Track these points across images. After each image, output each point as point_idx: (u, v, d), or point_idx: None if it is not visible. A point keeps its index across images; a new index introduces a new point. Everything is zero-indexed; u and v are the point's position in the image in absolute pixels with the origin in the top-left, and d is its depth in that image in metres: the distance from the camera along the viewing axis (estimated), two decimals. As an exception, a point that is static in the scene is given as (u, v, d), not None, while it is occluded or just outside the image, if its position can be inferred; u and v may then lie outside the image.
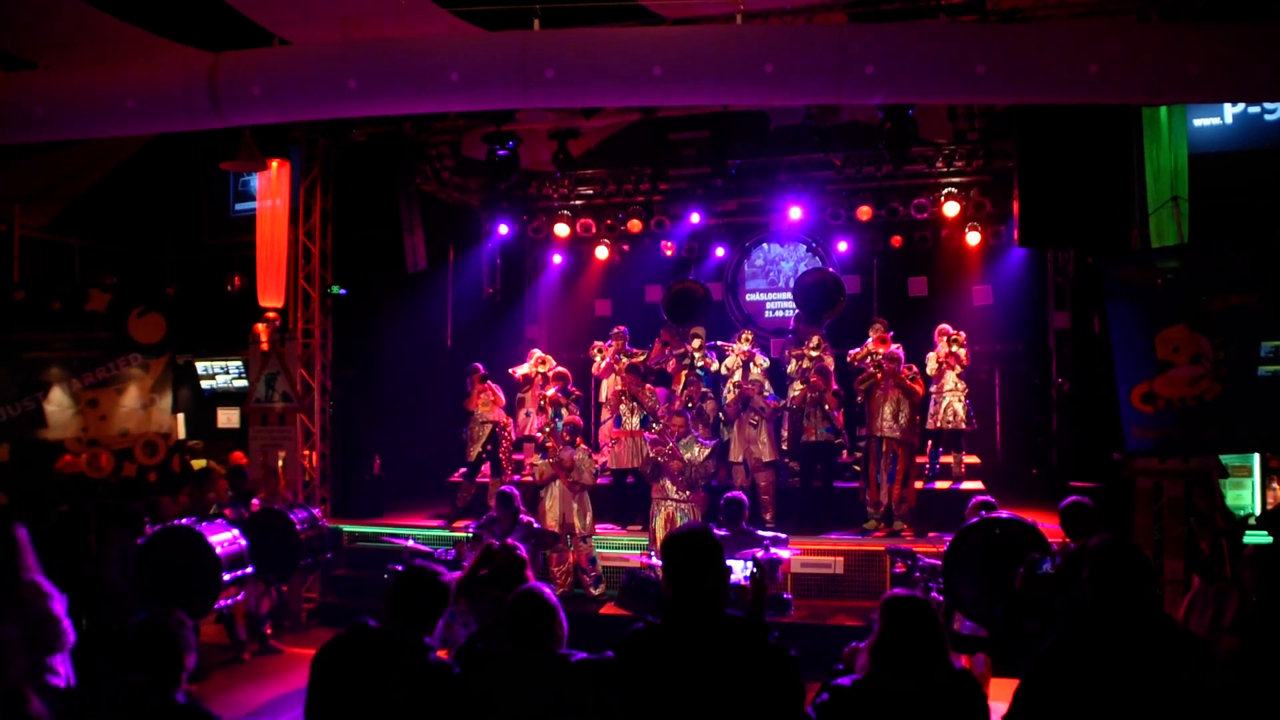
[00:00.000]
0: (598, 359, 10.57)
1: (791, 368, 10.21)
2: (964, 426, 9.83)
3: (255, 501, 8.29)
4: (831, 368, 9.77)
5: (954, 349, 9.75)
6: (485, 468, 10.15)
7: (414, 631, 3.14)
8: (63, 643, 4.44)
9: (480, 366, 10.09)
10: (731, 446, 9.32)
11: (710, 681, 2.72)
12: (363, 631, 3.13)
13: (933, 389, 9.87)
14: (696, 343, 10.40)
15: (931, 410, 9.82)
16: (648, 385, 9.77)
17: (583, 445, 8.53)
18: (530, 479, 9.87)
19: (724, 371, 10.20)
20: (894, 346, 9.32)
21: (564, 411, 9.63)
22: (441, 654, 3.27)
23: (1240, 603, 5.46)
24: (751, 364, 9.92)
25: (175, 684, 3.03)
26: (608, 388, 10.51)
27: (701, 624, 2.79)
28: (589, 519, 8.44)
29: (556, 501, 8.34)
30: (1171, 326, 6.05)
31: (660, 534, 7.90)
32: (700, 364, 10.22)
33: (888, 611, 2.87)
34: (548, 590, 3.27)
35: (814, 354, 9.99)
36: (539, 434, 9.76)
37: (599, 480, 9.06)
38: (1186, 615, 5.68)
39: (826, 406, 9.18)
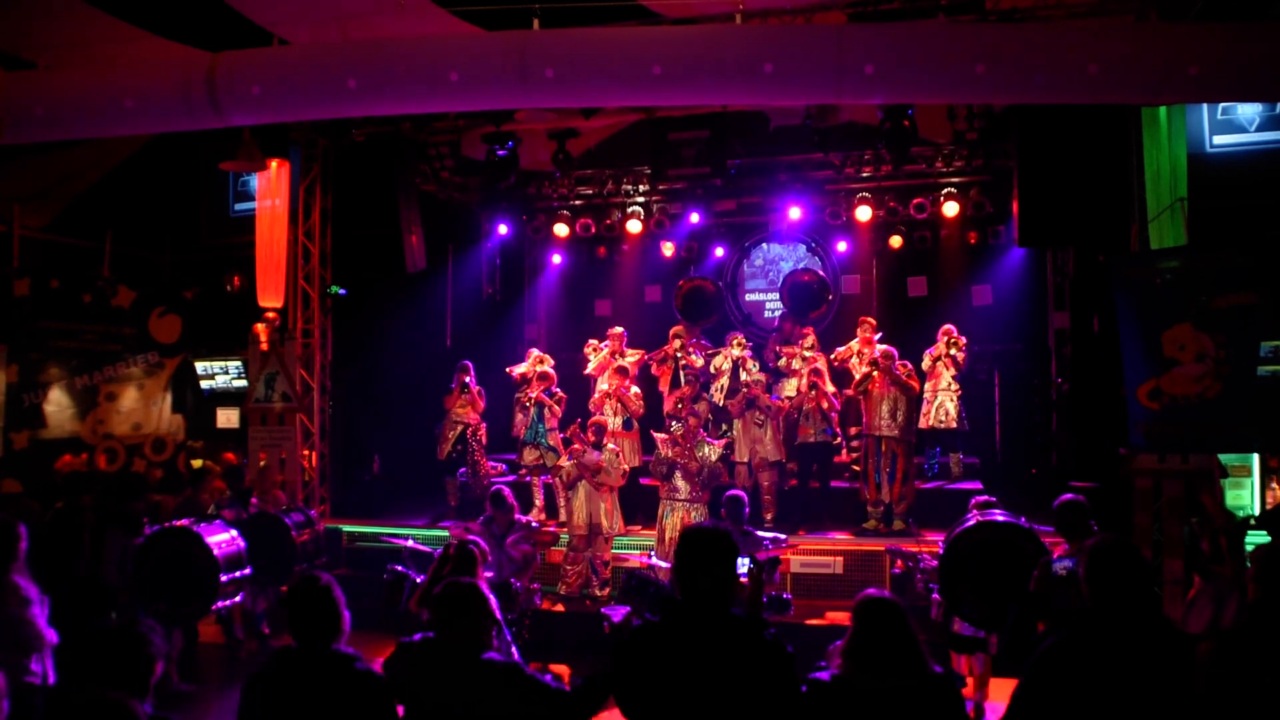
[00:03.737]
0: (592, 358, 10.54)
1: (782, 362, 10.21)
2: (955, 426, 9.85)
3: (254, 501, 8.29)
4: (825, 368, 9.75)
5: (952, 351, 9.76)
6: (465, 469, 10.11)
7: (327, 643, 3.09)
8: (39, 645, 4.45)
9: (470, 367, 10.02)
10: (737, 446, 9.32)
11: (707, 677, 2.73)
12: (284, 654, 3.09)
13: (926, 387, 9.88)
14: (677, 343, 10.38)
15: (924, 409, 9.83)
16: (635, 388, 9.76)
17: (610, 445, 8.49)
18: (527, 479, 9.90)
19: (712, 371, 10.20)
20: (881, 347, 9.33)
21: (547, 411, 9.63)
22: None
23: (1240, 602, 5.48)
24: (741, 368, 9.92)
25: (144, 694, 2.94)
26: (602, 387, 10.49)
27: (701, 621, 2.80)
28: (618, 519, 8.33)
29: (584, 502, 8.27)
30: (1178, 325, 6.11)
31: (669, 535, 7.89)
32: (684, 363, 10.21)
33: (858, 612, 2.91)
34: (482, 585, 3.32)
35: (808, 353, 10.00)
36: (524, 431, 9.75)
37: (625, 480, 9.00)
38: (1186, 614, 5.69)
39: (824, 406, 9.18)
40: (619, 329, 10.56)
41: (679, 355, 10.25)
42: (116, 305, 11.10)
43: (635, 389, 9.77)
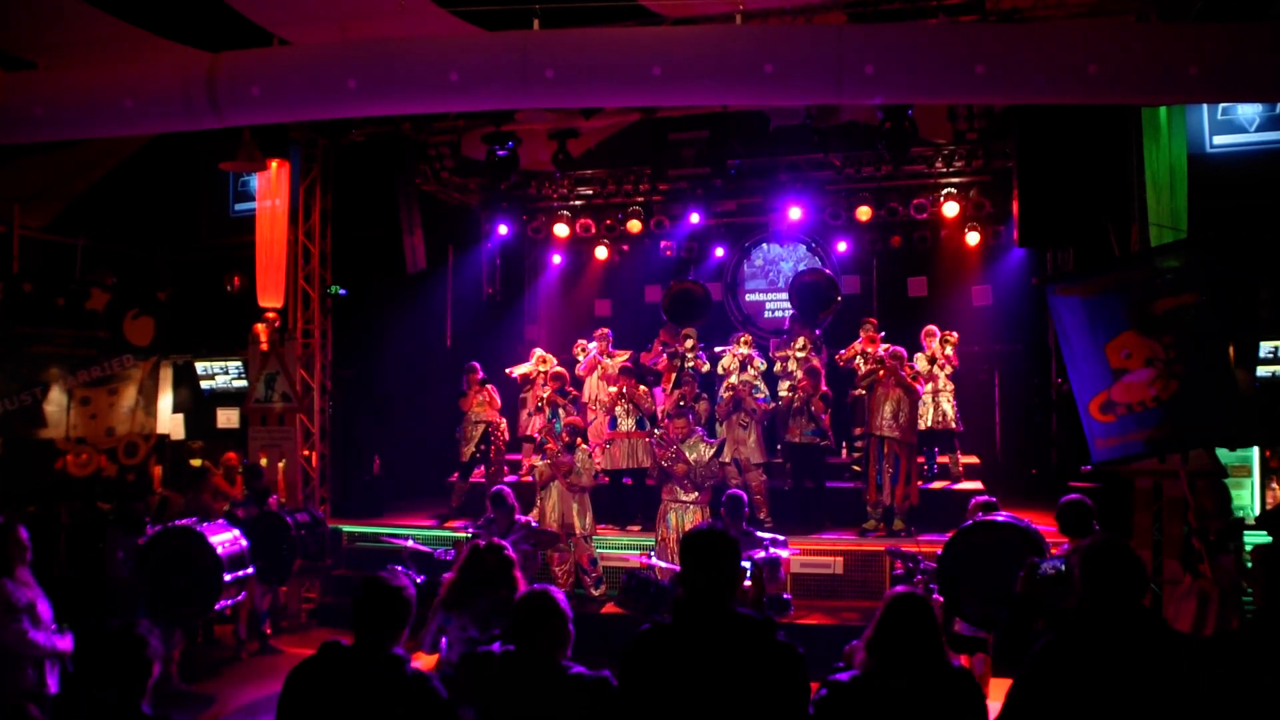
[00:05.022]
0: (580, 358, 10.56)
1: (777, 368, 10.22)
2: (953, 427, 9.82)
3: (272, 500, 8.28)
4: (821, 369, 9.75)
5: (946, 349, 9.74)
6: (482, 469, 10.15)
7: (383, 644, 3.02)
8: (32, 652, 4.45)
9: (478, 366, 10.08)
10: (724, 447, 9.32)
11: (720, 679, 2.73)
12: (334, 651, 3.03)
13: (925, 389, 9.85)
14: (689, 342, 10.40)
15: (920, 411, 9.81)
16: (643, 386, 9.76)
17: (583, 446, 8.53)
18: (529, 479, 9.90)
19: (720, 372, 10.20)
20: (885, 346, 9.30)
21: (561, 411, 9.63)
22: (422, 659, 3.20)
23: (1221, 602, 5.58)
24: (749, 366, 9.92)
25: (140, 694, 2.94)
26: (591, 387, 10.49)
27: (712, 622, 2.80)
28: (589, 519, 8.45)
29: (556, 502, 8.34)
30: (1121, 334, 6.13)
31: (670, 536, 7.90)
32: (691, 364, 10.22)
33: (887, 607, 2.89)
34: (557, 593, 3.20)
35: (800, 354, 9.99)
36: (537, 434, 9.75)
37: (596, 481, 9.05)
38: (1175, 610, 5.76)
39: (813, 408, 9.15)
40: (605, 329, 10.59)
41: (689, 356, 10.27)
42: (90, 309, 11.07)
43: (644, 388, 9.77)
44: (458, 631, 4.76)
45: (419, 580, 6.61)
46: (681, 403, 9.25)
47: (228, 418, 11.28)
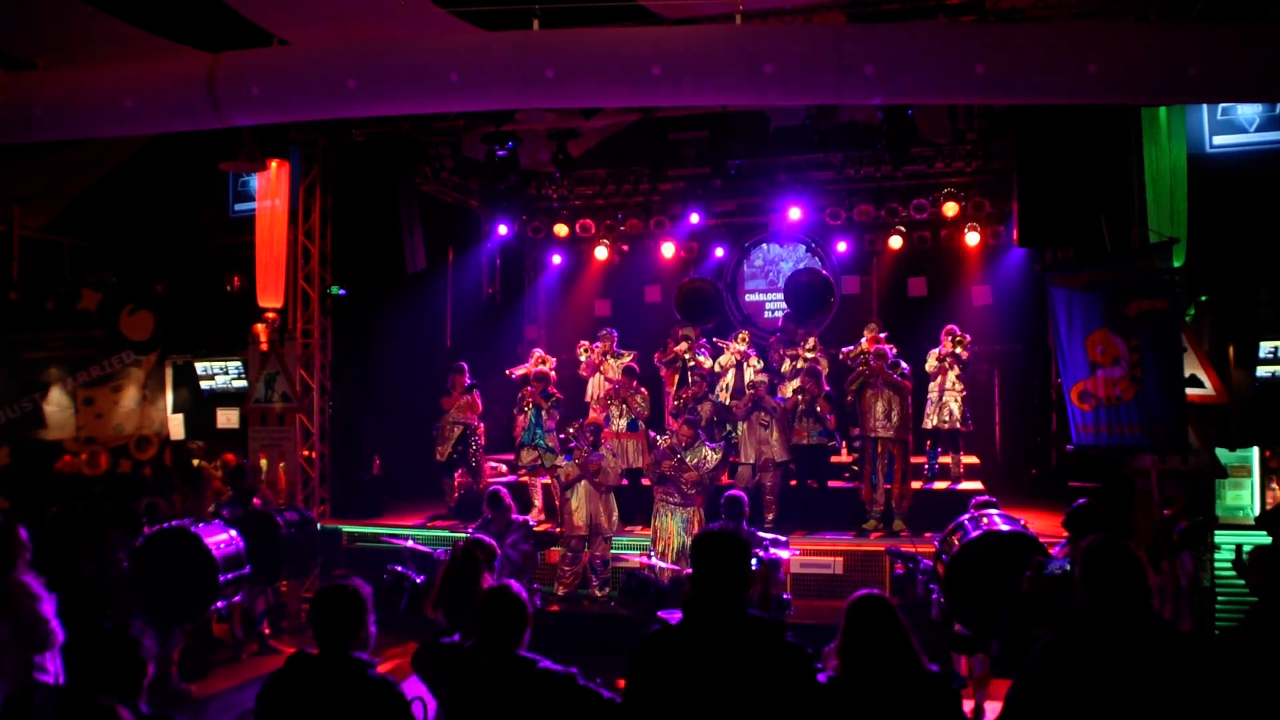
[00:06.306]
0: (583, 358, 10.56)
1: (785, 367, 10.21)
2: (960, 427, 9.82)
3: (256, 501, 8.28)
4: (825, 369, 9.73)
5: (956, 349, 9.73)
6: (461, 470, 10.12)
7: (344, 649, 3.04)
8: (51, 642, 4.47)
9: (466, 368, 10.02)
10: (742, 447, 9.31)
11: (731, 680, 2.74)
12: (300, 660, 3.07)
13: (931, 387, 9.86)
14: (684, 345, 10.38)
15: (928, 410, 9.81)
16: (644, 389, 9.73)
17: (604, 445, 8.53)
18: (526, 479, 9.90)
19: (717, 369, 10.18)
20: (885, 346, 9.31)
21: (543, 413, 9.62)
22: (383, 667, 3.23)
23: (1175, 599, 5.68)
24: (745, 365, 9.90)
25: (136, 695, 2.92)
26: (594, 387, 10.49)
27: (723, 623, 2.81)
28: (615, 518, 8.47)
29: (584, 502, 8.31)
30: (1097, 330, 6.36)
31: (662, 536, 7.89)
32: (691, 363, 10.20)
33: (850, 613, 2.91)
34: (517, 587, 3.27)
35: (809, 355, 9.97)
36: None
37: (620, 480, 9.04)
38: None
39: (819, 409, 9.14)
40: (609, 330, 10.58)
41: (687, 356, 10.25)
42: (83, 309, 11.05)
43: (644, 391, 9.74)
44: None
45: (418, 580, 6.62)
46: (678, 401, 9.24)
47: (228, 418, 11.27)
